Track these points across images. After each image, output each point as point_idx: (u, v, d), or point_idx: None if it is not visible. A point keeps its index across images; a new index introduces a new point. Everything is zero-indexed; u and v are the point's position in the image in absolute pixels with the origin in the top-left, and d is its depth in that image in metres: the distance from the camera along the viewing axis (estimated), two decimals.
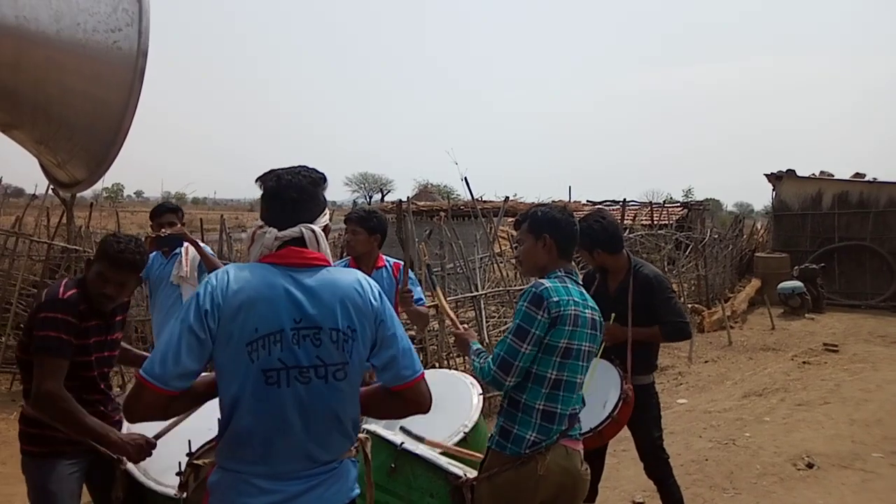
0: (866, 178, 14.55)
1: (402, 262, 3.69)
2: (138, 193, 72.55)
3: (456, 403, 2.81)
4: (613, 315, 3.38)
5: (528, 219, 2.51)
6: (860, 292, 13.81)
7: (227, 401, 1.65)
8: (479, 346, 2.52)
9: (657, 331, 3.36)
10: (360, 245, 3.56)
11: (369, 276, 3.49)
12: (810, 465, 4.79)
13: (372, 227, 3.56)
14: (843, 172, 14.93)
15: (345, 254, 3.82)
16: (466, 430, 2.85)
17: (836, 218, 14.32)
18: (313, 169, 1.81)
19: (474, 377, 3.03)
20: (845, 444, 5.24)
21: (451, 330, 2.77)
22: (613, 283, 3.51)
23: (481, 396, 3.10)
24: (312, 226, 1.73)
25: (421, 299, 3.66)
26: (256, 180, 1.79)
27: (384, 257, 3.67)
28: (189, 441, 2.25)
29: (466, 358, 2.63)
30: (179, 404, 1.67)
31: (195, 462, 2.23)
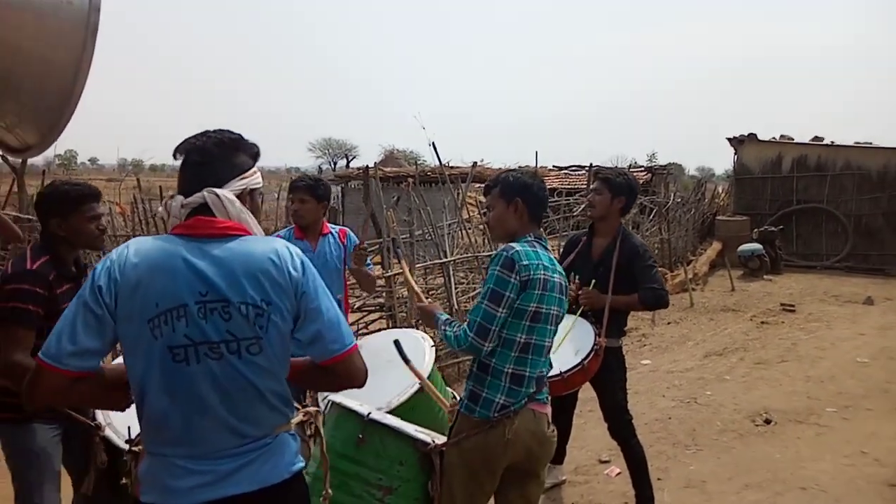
0: (824, 142, 14.87)
1: (347, 229, 3.69)
2: (93, 160, 70.23)
3: (411, 355, 2.83)
4: (594, 281, 3.43)
5: (500, 183, 2.49)
6: (816, 253, 14.25)
7: (135, 382, 1.58)
8: (446, 315, 2.51)
9: (635, 299, 3.40)
10: (309, 213, 3.52)
11: (315, 244, 3.47)
12: (768, 421, 4.97)
13: (321, 195, 3.53)
14: (803, 136, 15.24)
15: (290, 222, 3.75)
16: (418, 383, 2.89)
17: (794, 181, 14.65)
18: (227, 131, 1.70)
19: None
20: (801, 401, 5.45)
21: (416, 303, 2.75)
22: (598, 249, 3.55)
23: (433, 349, 3.15)
24: (218, 190, 1.61)
25: (369, 264, 3.66)
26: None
27: (328, 224, 3.63)
28: (129, 427, 2.17)
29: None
30: (87, 387, 1.58)
31: (134, 449, 2.16)
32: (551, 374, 2.91)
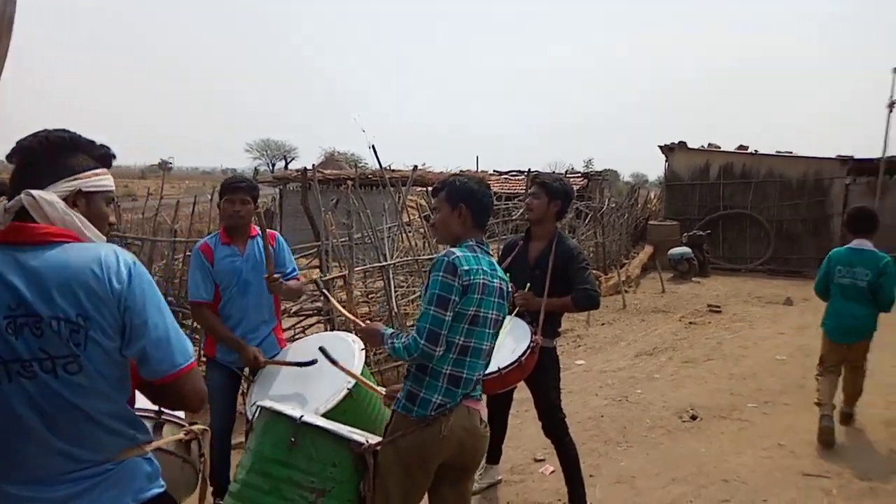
0: (749, 151, 15.60)
1: (276, 232, 3.65)
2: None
3: (341, 358, 2.83)
4: (529, 284, 3.53)
5: (446, 188, 2.53)
6: (741, 257, 14.93)
7: None
8: (388, 329, 2.53)
9: (569, 300, 3.50)
10: (248, 215, 3.45)
11: (243, 248, 3.41)
12: (694, 417, 5.18)
13: (256, 196, 3.49)
14: (729, 145, 15.94)
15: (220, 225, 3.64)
16: (350, 385, 2.89)
17: (721, 188, 15.32)
18: (62, 130, 1.59)
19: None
20: (725, 397, 5.71)
21: (354, 328, 2.75)
22: (534, 252, 3.64)
23: (363, 351, 3.16)
24: (36, 192, 1.49)
25: (294, 270, 3.63)
26: None
27: (255, 227, 3.54)
28: None
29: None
30: None
31: None
32: (489, 371, 2.99)
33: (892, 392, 5.79)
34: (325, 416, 2.76)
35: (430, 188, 10.68)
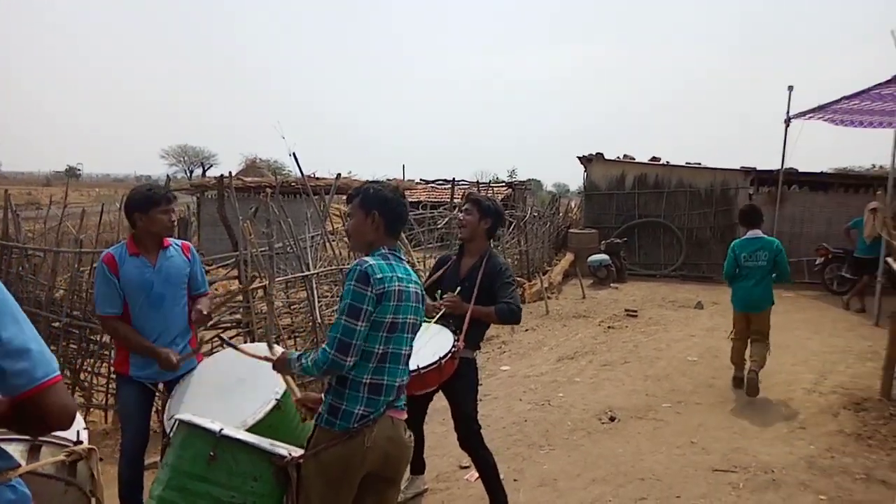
0: (661, 162, 16.34)
1: (189, 244, 3.56)
2: None
3: (266, 373, 2.78)
4: (459, 288, 3.64)
5: (360, 194, 2.54)
6: (656, 263, 15.59)
7: None
8: (294, 352, 2.52)
9: (493, 311, 3.58)
10: (171, 224, 3.33)
11: (154, 259, 3.29)
12: (612, 419, 5.36)
13: (175, 206, 3.37)
14: (643, 156, 16.64)
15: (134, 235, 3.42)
16: (278, 396, 2.88)
17: (637, 197, 15.96)
18: None
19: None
20: (641, 398, 5.93)
21: (265, 363, 2.71)
22: (466, 267, 3.76)
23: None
24: None
25: (203, 287, 3.56)
26: None
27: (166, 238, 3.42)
28: None
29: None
30: None
31: None
32: (410, 368, 3.01)
33: (790, 391, 6.18)
34: (253, 428, 2.70)
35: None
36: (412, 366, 3.05)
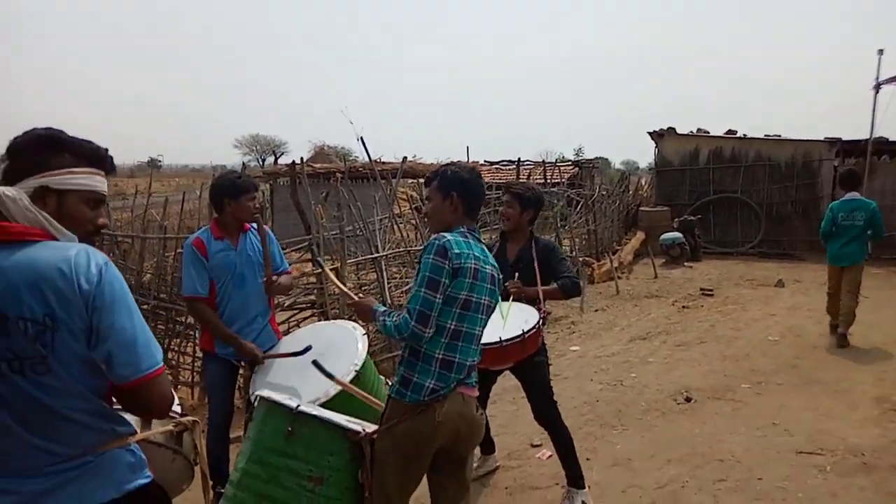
0: (737, 135, 15.66)
1: (267, 228, 3.69)
2: None
3: (344, 346, 2.85)
4: (516, 274, 3.66)
5: (438, 177, 2.55)
6: (732, 240, 15.00)
7: None
8: (382, 306, 2.54)
9: (556, 288, 3.63)
10: (256, 210, 3.48)
11: (236, 242, 3.41)
12: (688, 399, 5.22)
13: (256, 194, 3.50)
14: (718, 129, 15.98)
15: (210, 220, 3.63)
16: (357, 367, 2.94)
17: (711, 172, 15.36)
18: (48, 128, 1.59)
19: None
20: (718, 379, 5.75)
21: (347, 301, 2.75)
22: (513, 251, 3.77)
23: (365, 336, 3.20)
24: (2, 188, 1.49)
25: (285, 268, 3.68)
26: None
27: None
28: None
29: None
30: None
31: None
32: (490, 341, 3.03)
33: (881, 370, 5.85)
34: (333, 399, 2.79)
35: (420, 179, 10.64)
36: (494, 338, 3.10)
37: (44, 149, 1.56)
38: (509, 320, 3.36)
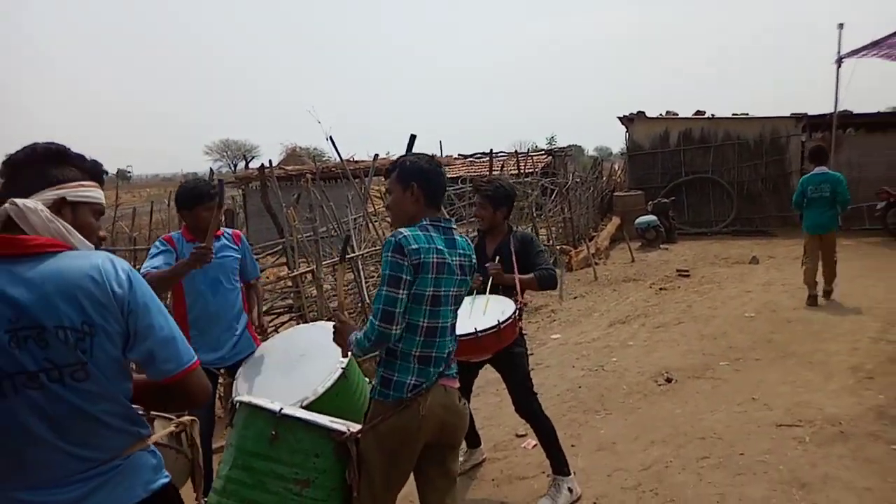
0: (706, 115, 15.83)
1: (240, 232, 3.65)
2: None
3: (329, 345, 2.84)
4: (498, 258, 3.67)
5: (397, 168, 2.51)
6: (706, 220, 15.19)
7: None
8: (356, 333, 2.46)
9: (533, 278, 3.64)
10: (212, 218, 3.40)
11: (210, 247, 3.35)
12: (669, 380, 5.28)
13: (222, 201, 3.42)
14: (687, 112, 16.13)
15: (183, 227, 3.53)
16: (343, 364, 2.96)
17: (682, 154, 15.53)
18: (49, 142, 1.64)
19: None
20: (697, 358, 5.82)
21: (334, 315, 2.69)
22: (492, 245, 3.78)
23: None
24: (20, 200, 1.51)
25: (255, 273, 3.69)
26: None
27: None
28: None
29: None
30: None
31: None
32: (466, 332, 3.02)
33: (855, 339, 5.97)
34: (322, 397, 2.79)
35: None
36: (470, 328, 3.10)
37: (54, 163, 1.61)
38: (486, 312, 3.36)
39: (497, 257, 3.66)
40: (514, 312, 3.39)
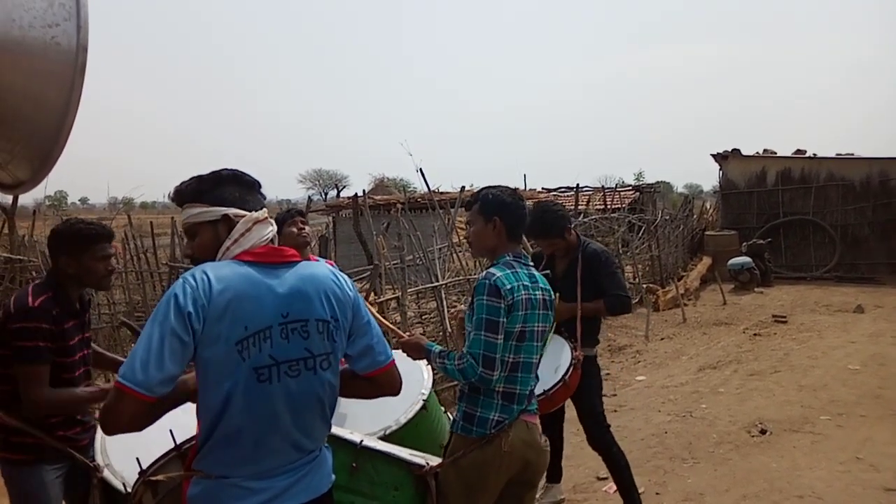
0: (807, 155, 15.10)
1: (332, 261, 3.75)
2: (83, 200, 69.85)
3: (410, 373, 2.84)
4: (558, 294, 3.50)
5: (479, 201, 2.52)
6: (805, 264, 14.37)
7: (215, 402, 1.60)
8: (436, 346, 2.51)
9: (601, 304, 3.50)
10: (309, 236, 3.59)
11: None
12: (763, 431, 4.99)
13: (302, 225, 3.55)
14: (786, 150, 15.46)
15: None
16: (424, 396, 2.93)
17: (780, 194, 14.84)
18: (233, 169, 1.86)
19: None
20: (795, 410, 5.47)
21: (396, 341, 2.71)
22: (561, 265, 3.66)
23: (429, 366, 3.19)
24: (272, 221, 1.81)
25: None
26: (211, 173, 1.79)
27: (312, 255, 3.67)
28: (138, 459, 2.13)
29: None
30: (158, 410, 1.63)
31: (152, 479, 2.08)
32: (536, 393, 2.97)
33: None
34: (403, 427, 2.78)
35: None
36: (538, 390, 2.95)
37: (254, 188, 1.87)
38: (543, 361, 3.28)
39: (557, 294, 3.52)
40: (572, 361, 3.28)
